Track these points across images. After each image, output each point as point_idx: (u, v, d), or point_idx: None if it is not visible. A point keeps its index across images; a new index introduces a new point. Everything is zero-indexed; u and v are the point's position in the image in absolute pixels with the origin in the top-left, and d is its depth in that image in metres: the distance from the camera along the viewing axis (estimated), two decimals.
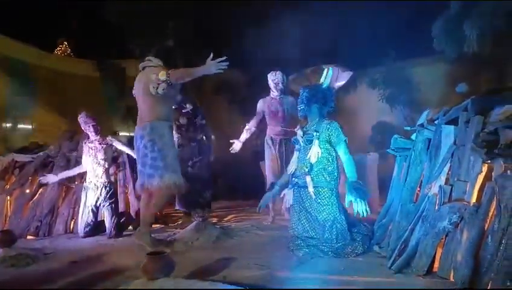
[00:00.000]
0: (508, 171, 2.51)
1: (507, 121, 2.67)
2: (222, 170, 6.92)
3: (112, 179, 5.17)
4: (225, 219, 5.80)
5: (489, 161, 2.70)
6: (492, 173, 2.66)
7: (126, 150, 5.11)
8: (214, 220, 5.63)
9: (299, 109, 3.98)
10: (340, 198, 3.77)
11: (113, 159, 5.19)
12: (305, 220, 3.74)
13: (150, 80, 3.87)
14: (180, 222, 5.63)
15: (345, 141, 3.72)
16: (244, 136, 5.42)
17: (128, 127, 9.66)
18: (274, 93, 5.39)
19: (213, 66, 3.70)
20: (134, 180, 5.73)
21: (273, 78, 5.34)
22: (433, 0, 6.55)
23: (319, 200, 3.68)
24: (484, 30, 5.73)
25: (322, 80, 3.89)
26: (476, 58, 6.32)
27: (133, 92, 4.17)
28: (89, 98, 9.42)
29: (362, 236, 3.68)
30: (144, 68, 4.13)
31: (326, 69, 3.91)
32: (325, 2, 8.08)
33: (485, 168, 2.76)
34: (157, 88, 3.82)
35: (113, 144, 5.03)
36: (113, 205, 4.82)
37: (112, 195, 4.89)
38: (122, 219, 4.88)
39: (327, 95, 3.85)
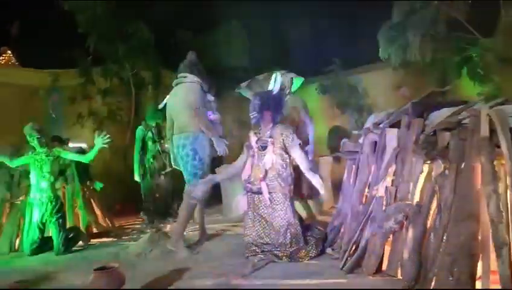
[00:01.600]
0: (446, 171, 2.65)
1: (444, 123, 2.82)
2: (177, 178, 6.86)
3: (59, 193, 4.94)
4: None
5: (429, 162, 2.85)
6: (433, 173, 2.80)
7: (75, 157, 4.88)
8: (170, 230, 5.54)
9: (252, 116, 4.00)
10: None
11: (60, 172, 4.96)
12: (259, 226, 3.76)
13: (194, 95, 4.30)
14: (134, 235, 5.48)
15: (300, 144, 3.77)
16: None
17: (76, 137, 9.27)
18: None
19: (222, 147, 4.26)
20: (84, 193, 5.57)
21: None
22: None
23: (274, 206, 3.70)
24: (425, 37, 6.04)
25: (271, 86, 3.94)
26: (419, 64, 6.64)
27: (171, 104, 4.46)
28: (35, 109, 8.99)
29: (316, 239, 3.74)
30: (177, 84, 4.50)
31: (274, 75, 3.98)
32: (275, 11, 8.24)
33: (426, 169, 2.90)
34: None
35: (61, 155, 4.82)
36: (60, 221, 4.59)
37: (59, 210, 4.65)
38: (71, 235, 4.67)
39: (278, 101, 3.90)
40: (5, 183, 5.01)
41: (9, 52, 12.21)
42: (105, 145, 4.62)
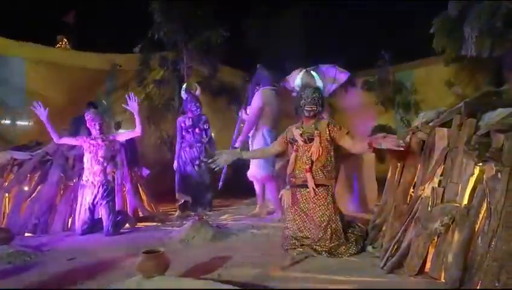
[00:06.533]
0: (499, 174, 2.54)
1: (499, 124, 2.71)
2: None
3: (109, 177, 5.19)
4: (221, 218, 5.83)
5: (480, 164, 2.74)
6: (484, 176, 2.70)
7: (129, 134, 5.17)
8: (211, 219, 5.67)
9: (309, 108, 3.81)
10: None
11: (111, 157, 5.21)
12: (299, 220, 3.77)
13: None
14: (177, 220, 5.66)
15: (348, 132, 3.76)
16: None
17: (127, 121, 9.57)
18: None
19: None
20: (132, 178, 5.83)
21: None
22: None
23: (315, 200, 3.71)
24: (483, 32, 5.70)
25: (318, 81, 3.96)
26: (474, 60, 6.32)
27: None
28: (89, 93, 9.27)
29: (356, 236, 3.72)
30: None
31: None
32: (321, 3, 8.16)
33: (476, 171, 2.80)
34: None
35: (117, 138, 5.10)
36: (110, 203, 4.83)
37: (109, 193, 4.90)
38: (119, 217, 4.90)
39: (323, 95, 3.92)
40: (60, 166, 5.30)
41: (65, 40, 12.83)
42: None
